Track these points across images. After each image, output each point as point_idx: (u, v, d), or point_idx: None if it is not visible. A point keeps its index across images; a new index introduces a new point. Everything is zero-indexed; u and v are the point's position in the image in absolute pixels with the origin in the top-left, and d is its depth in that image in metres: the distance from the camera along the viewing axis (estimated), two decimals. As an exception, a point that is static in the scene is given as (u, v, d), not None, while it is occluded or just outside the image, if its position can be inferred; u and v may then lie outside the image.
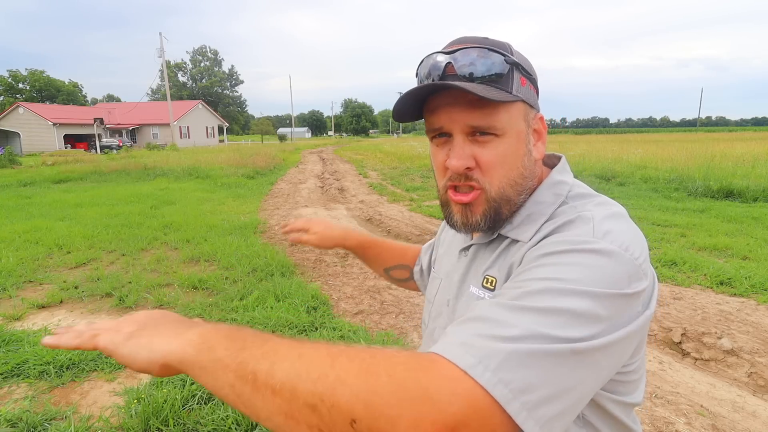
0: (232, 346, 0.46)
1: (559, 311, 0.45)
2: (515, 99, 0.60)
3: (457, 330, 0.47)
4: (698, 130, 77.53)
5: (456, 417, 0.39)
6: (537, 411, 0.41)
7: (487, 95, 0.56)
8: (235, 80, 79.97)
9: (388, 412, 0.38)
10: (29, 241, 5.76)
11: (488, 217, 0.62)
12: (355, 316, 3.59)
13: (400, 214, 7.72)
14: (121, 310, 3.75)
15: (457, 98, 0.59)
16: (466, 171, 0.61)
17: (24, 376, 2.69)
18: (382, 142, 43.03)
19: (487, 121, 0.59)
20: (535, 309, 0.46)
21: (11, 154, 20.03)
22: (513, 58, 0.61)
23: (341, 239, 1.06)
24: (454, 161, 0.60)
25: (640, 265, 0.51)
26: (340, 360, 0.42)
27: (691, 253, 4.91)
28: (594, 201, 0.62)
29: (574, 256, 0.51)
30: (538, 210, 0.63)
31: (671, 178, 10.17)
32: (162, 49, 36.94)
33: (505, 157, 0.61)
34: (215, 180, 12.87)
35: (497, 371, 0.41)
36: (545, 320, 0.44)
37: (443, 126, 0.61)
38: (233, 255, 5.03)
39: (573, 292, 0.47)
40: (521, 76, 0.61)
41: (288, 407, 0.41)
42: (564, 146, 21.42)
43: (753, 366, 2.71)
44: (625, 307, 0.48)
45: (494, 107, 0.58)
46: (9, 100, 55.86)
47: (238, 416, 2.22)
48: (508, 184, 0.62)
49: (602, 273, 0.48)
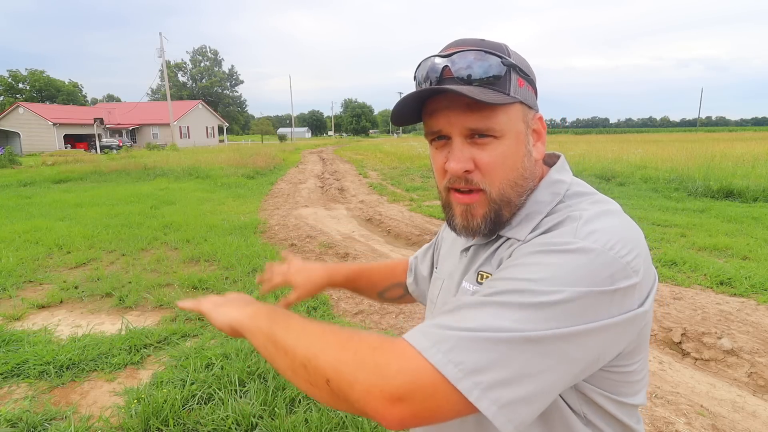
0: (269, 319, 0.63)
1: (519, 305, 0.49)
2: (513, 101, 0.60)
3: (428, 321, 0.53)
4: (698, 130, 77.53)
5: (401, 389, 0.47)
6: (492, 392, 0.46)
7: (484, 98, 0.57)
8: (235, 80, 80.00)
9: (348, 378, 0.49)
10: (29, 241, 5.76)
11: (489, 219, 0.63)
12: (355, 316, 3.59)
13: (400, 214, 7.72)
14: (121, 310, 3.75)
15: (454, 101, 0.59)
16: (466, 174, 0.61)
17: (24, 376, 2.69)
18: (382, 142, 43.03)
19: (486, 123, 0.59)
20: (497, 303, 0.50)
21: (11, 154, 20.04)
22: (510, 59, 0.61)
23: (327, 280, 0.99)
24: (453, 164, 0.61)
25: (628, 263, 0.51)
26: (327, 336, 0.55)
27: (691, 253, 4.91)
28: (590, 199, 0.62)
29: (549, 257, 0.52)
30: (536, 209, 0.64)
31: (671, 178, 10.17)
32: (162, 49, 36.95)
33: (505, 158, 0.61)
34: (215, 180, 12.87)
35: (448, 353, 0.47)
36: (503, 313, 0.49)
37: (442, 129, 0.62)
38: (233, 255, 5.03)
39: (538, 292, 0.49)
40: (519, 78, 0.62)
41: (291, 364, 0.56)
42: (564, 146, 21.42)
43: (753, 366, 2.71)
44: (602, 304, 0.50)
45: (492, 109, 0.59)
46: (9, 100, 55.87)
47: (238, 416, 2.22)
48: (508, 186, 0.62)
49: (576, 272, 0.50)
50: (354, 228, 6.97)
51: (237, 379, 2.53)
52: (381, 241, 6.17)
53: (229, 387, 2.46)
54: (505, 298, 0.50)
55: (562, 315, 0.48)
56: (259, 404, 2.32)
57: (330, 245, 5.68)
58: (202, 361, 2.73)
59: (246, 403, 2.32)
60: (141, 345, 3.04)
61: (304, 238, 6.05)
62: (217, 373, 2.60)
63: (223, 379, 2.54)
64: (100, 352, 2.93)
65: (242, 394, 2.43)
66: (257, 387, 2.46)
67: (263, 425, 2.19)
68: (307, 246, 5.69)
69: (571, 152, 16.72)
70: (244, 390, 2.47)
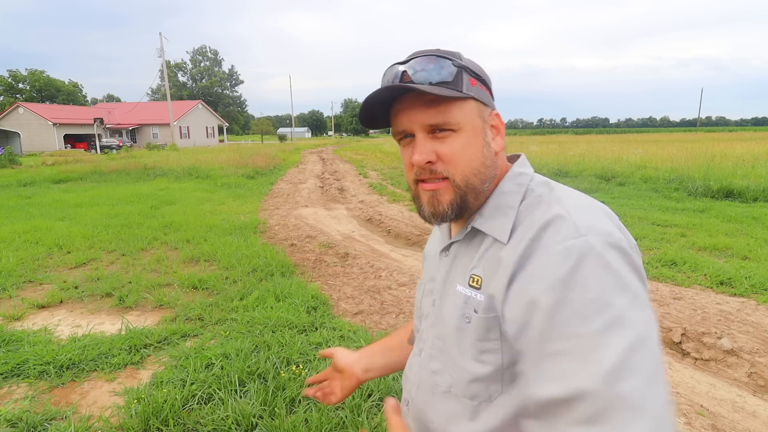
0: None
1: (632, 349, 0.51)
2: (465, 96, 0.66)
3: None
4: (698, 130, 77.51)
5: None
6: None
7: (436, 92, 0.62)
8: (235, 80, 79.89)
9: None
10: (29, 241, 5.76)
11: (455, 204, 0.67)
12: (355, 316, 3.59)
13: (400, 214, 7.71)
14: (121, 310, 3.75)
15: (415, 101, 0.66)
16: (429, 165, 0.66)
17: (24, 376, 2.69)
18: (382, 142, 43.00)
19: (443, 118, 0.65)
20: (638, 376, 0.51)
21: (11, 154, 20.04)
22: (461, 62, 0.67)
23: (365, 371, 0.98)
24: (417, 156, 0.66)
25: (619, 240, 0.57)
26: None
27: (691, 253, 4.91)
28: (557, 187, 0.67)
29: (588, 270, 0.54)
30: (505, 202, 0.67)
31: (671, 178, 10.17)
32: (162, 49, 36.92)
33: (464, 149, 0.66)
34: (215, 180, 12.87)
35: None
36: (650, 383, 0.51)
37: (405, 128, 0.68)
38: (233, 255, 5.03)
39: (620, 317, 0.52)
40: (471, 78, 0.67)
41: None
42: (564, 146, 21.38)
43: (753, 366, 2.71)
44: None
45: (447, 104, 0.65)
46: (9, 100, 55.85)
47: (238, 416, 2.22)
48: (471, 173, 0.67)
49: (629, 275, 0.55)
50: (354, 228, 6.97)
51: (237, 379, 2.53)
52: (381, 241, 6.17)
53: (229, 387, 2.46)
54: (633, 356, 0.50)
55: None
56: (259, 404, 2.32)
57: (330, 245, 5.68)
58: (202, 361, 2.73)
59: (246, 403, 2.32)
60: (141, 345, 3.04)
61: (304, 238, 6.05)
62: (217, 373, 2.60)
63: (223, 379, 2.54)
64: (100, 352, 2.93)
65: (242, 394, 2.43)
66: (257, 387, 2.46)
67: (263, 425, 2.18)
68: (307, 246, 5.69)
69: (571, 152, 16.71)
70: (244, 390, 2.47)
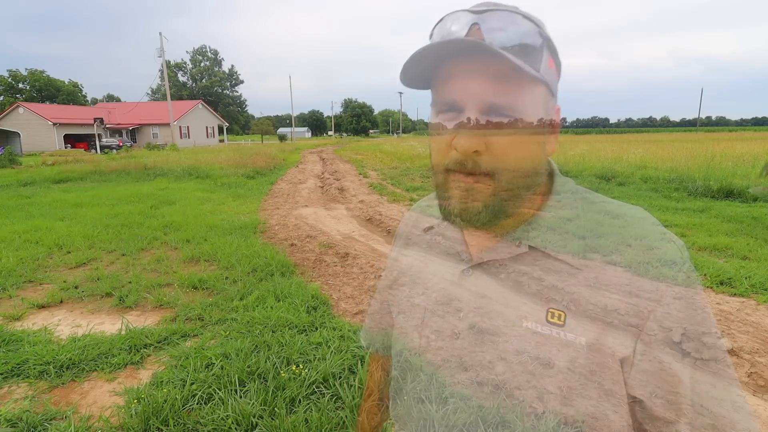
0: None
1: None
2: (540, 79, 0.51)
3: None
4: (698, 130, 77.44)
5: None
6: None
7: (520, 65, 0.48)
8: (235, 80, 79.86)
9: None
10: (29, 241, 5.76)
11: (490, 207, 0.53)
12: (355, 316, 3.58)
13: (400, 214, 7.71)
14: (121, 309, 3.75)
15: (479, 67, 0.50)
16: (475, 154, 0.52)
17: (24, 376, 2.69)
18: (382, 142, 43.00)
19: (508, 99, 0.50)
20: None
21: (11, 154, 20.03)
22: (546, 32, 0.53)
23: None
24: (464, 141, 0.51)
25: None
26: None
27: (691, 253, 4.91)
28: (603, 197, 0.60)
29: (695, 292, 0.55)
30: (563, 215, 0.57)
31: (671, 178, 10.17)
32: (162, 49, 36.91)
33: (521, 144, 0.52)
34: (215, 180, 12.87)
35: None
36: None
37: (456, 99, 0.52)
38: (233, 255, 5.03)
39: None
40: (550, 57, 0.53)
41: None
42: (564, 146, 21.37)
43: (753, 366, 2.71)
44: None
45: (519, 84, 0.50)
46: (9, 100, 55.85)
47: (238, 416, 2.22)
48: (519, 175, 0.53)
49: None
50: (354, 228, 6.97)
51: (237, 379, 2.53)
52: (381, 240, 6.17)
53: (229, 387, 2.46)
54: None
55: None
56: (259, 404, 2.32)
57: (330, 245, 5.68)
58: (202, 361, 2.73)
59: (246, 403, 2.32)
60: (141, 345, 3.04)
61: (304, 238, 6.05)
62: (217, 373, 2.60)
63: (223, 379, 2.54)
64: (100, 352, 2.93)
65: (242, 394, 2.43)
66: (257, 387, 2.46)
67: (263, 425, 2.18)
68: (307, 246, 5.69)
69: (571, 152, 16.71)
70: (244, 390, 2.47)
